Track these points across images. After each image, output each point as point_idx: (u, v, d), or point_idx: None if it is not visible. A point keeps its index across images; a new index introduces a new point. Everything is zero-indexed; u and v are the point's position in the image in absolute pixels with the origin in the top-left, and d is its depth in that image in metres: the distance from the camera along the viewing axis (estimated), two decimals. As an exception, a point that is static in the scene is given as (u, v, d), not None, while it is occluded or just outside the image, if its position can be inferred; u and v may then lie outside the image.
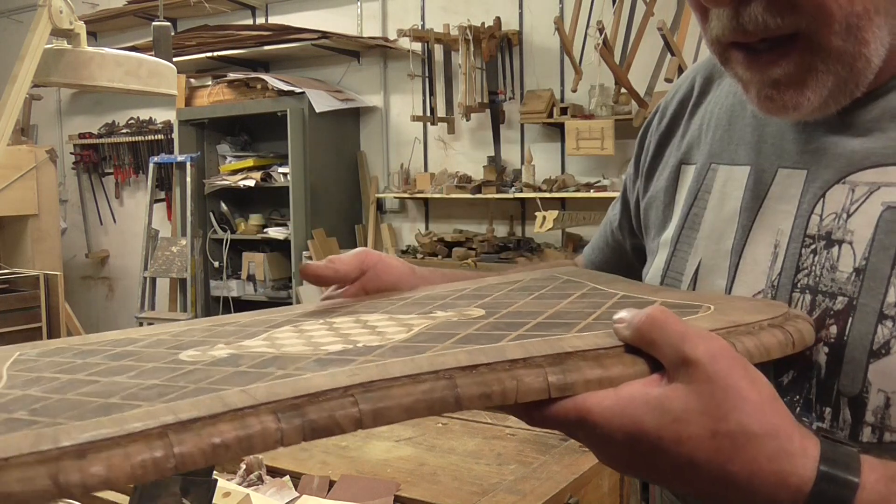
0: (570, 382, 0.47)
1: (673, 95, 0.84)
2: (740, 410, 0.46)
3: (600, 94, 3.78)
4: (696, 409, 0.46)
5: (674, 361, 0.47)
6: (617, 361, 0.49)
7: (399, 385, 0.45)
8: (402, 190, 4.46)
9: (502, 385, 0.46)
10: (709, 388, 0.46)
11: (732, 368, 0.47)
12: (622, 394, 0.47)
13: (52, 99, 5.90)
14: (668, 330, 0.48)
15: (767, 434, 0.46)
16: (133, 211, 5.64)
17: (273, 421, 0.41)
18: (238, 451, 0.40)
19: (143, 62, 1.73)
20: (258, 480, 1.31)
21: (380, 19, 4.61)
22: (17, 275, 3.54)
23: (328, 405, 0.43)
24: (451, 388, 0.45)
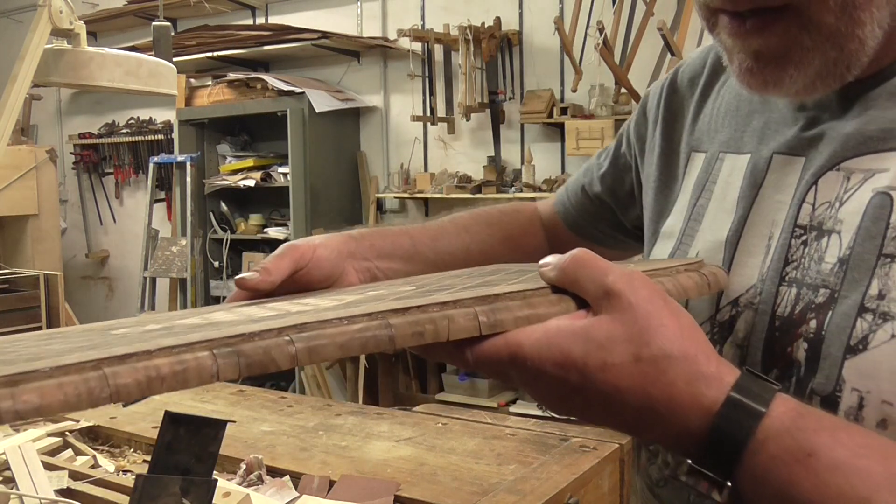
0: (500, 319, 0.49)
1: (684, 69, 0.81)
2: (661, 335, 0.47)
3: (600, 94, 3.77)
4: (620, 336, 0.46)
5: (597, 295, 0.48)
6: (544, 300, 0.51)
7: (332, 325, 0.46)
8: (402, 190, 4.46)
9: (434, 324, 0.47)
10: (631, 315, 0.47)
11: (653, 297, 0.48)
12: (549, 326, 0.48)
13: (52, 99, 5.90)
14: (590, 266, 0.49)
15: (686, 357, 0.47)
16: (133, 211, 5.64)
17: (209, 357, 0.42)
18: (174, 383, 0.41)
19: (143, 62, 1.73)
20: (258, 480, 1.31)
21: (380, 19, 4.61)
22: (17, 275, 3.55)
23: (263, 343, 0.44)
24: (384, 328, 0.46)
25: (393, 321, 0.47)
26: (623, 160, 0.90)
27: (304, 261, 0.71)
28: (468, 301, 0.49)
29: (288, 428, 1.57)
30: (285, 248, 0.69)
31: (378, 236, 0.80)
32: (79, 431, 1.60)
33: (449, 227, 0.90)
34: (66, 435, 1.56)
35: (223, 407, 1.76)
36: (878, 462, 0.44)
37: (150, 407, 1.79)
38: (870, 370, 0.52)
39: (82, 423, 1.61)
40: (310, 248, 0.71)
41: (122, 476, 1.37)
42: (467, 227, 0.90)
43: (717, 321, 0.65)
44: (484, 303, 0.49)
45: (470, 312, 0.49)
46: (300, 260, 0.70)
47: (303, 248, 0.71)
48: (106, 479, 1.32)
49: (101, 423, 1.63)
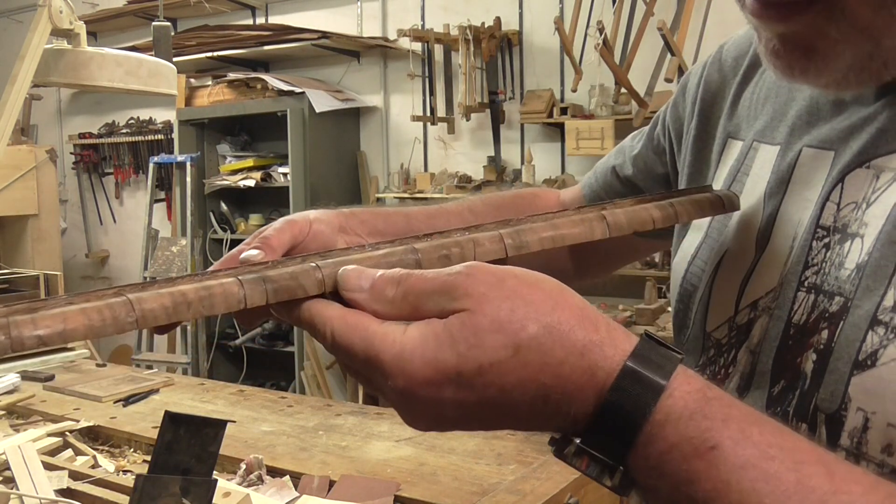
0: (525, 241, 0.48)
1: (729, 46, 0.75)
2: (533, 312, 0.41)
3: (600, 94, 3.77)
4: (487, 329, 0.41)
5: (444, 306, 0.43)
6: (567, 221, 0.49)
7: (357, 252, 0.45)
8: (402, 190, 4.46)
9: (460, 247, 0.46)
10: (491, 304, 0.41)
11: (504, 277, 0.43)
12: (408, 338, 0.42)
13: (52, 99, 5.90)
14: (424, 286, 0.43)
15: (570, 328, 0.41)
16: (133, 211, 5.63)
17: (235, 283, 0.41)
18: (200, 308, 0.39)
19: (143, 62, 1.73)
20: (258, 480, 1.31)
21: (380, 19, 4.61)
22: (17, 275, 3.54)
23: (289, 269, 0.43)
24: (410, 252, 0.45)
25: (418, 245, 0.46)
26: (658, 143, 0.83)
27: (303, 235, 0.68)
28: (491, 225, 0.48)
29: (288, 428, 1.57)
30: (284, 223, 0.66)
31: (370, 214, 0.76)
32: (79, 431, 1.60)
33: (451, 208, 0.85)
34: (66, 435, 1.56)
35: (223, 407, 1.76)
36: (789, 467, 0.39)
37: (150, 407, 1.79)
38: (877, 389, 0.47)
39: (82, 423, 1.61)
40: (306, 222, 0.68)
41: (122, 476, 1.37)
42: (472, 208, 0.85)
43: (735, 323, 0.61)
44: (507, 225, 0.48)
45: (494, 235, 0.47)
46: (299, 235, 0.67)
47: (300, 222, 0.68)
48: (106, 479, 1.32)
49: (101, 423, 1.63)
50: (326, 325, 0.44)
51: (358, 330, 0.43)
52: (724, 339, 0.62)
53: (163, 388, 1.93)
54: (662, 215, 0.58)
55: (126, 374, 2.06)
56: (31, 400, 1.82)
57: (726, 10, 3.52)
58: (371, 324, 0.43)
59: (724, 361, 0.62)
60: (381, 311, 0.44)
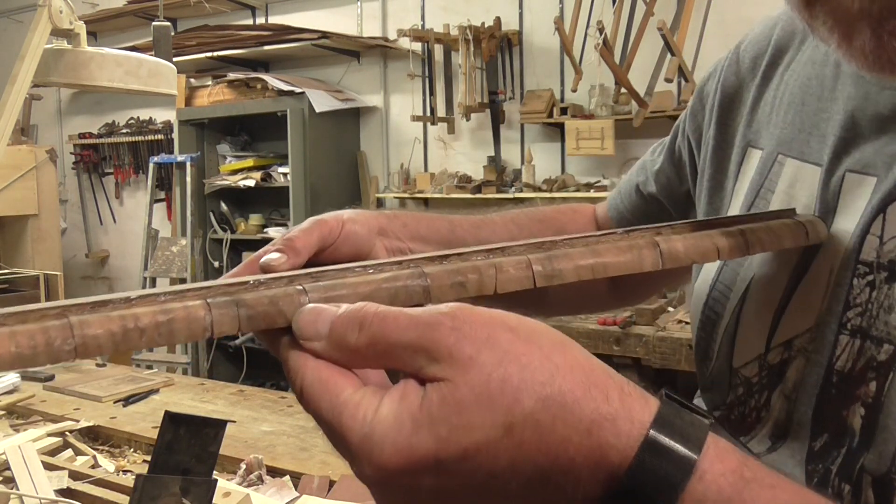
0: (559, 270, 0.40)
1: (746, 46, 0.68)
2: (530, 381, 0.34)
3: (600, 94, 3.77)
4: (472, 404, 0.34)
5: (419, 363, 0.35)
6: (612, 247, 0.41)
7: (355, 274, 0.38)
8: (402, 190, 4.46)
9: (479, 273, 0.39)
10: (477, 371, 0.34)
11: (495, 332, 0.35)
12: (378, 420, 0.35)
13: (52, 99, 5.89)
14: (396, 329, 0.36)
15: (575, 399, 0.34)
16: (133, 211, 5.63)
17: (201, 307, 0.34)
18: (155, 336, 0.33)
19: (143, 62, 1.73)
20: (258, 480, 1.31)
21: (380, 19, 4.61)
22: (17, 275, 3.55)
23: (269, 292, 0.36)
24: (418, 277, 0.38)
25: (429, 269, 0.38)
26: (678, 155, 0.77)
27: (333, 237, 0.61)
28: (519, 248, 0.40)
29: (288, 428, 1.57)
30: (312, 223, 0.59)
31: (412, 217, 0.70)
32: (79, 431, 1.60)
33: (496, 218, 0.79)
34: (66, 435, 1.57)
35: (223, 407, 1.76)
36: None
37: (150, 407, 1.79)
38: None
39: (82, 423, 1.61)
40: (338, 222, 0.61)
41: (122, 476, 1.37)
42: (515, 220, 0.79)
43: (767, 363, 0.55)
44: (538, 249, 0.41)
45: (521, 261, 0.40)
46: (328, 236, 0.60)
47: (331, 222, 0.60)
48: (106, 479, 1.32)
49: (101, 423, 1.63)
50: (298, 375, 0.37)
51: (328, 393, 0.36)
52: (754, 378, 0.56)
53: (163, 388, 1.93)
54: (729, 245, 0.48)
55: (126, 374, 2.06)
56: (31, 400, 1.82)
57: (726, 10, 3.52)
58: (345, 388, 0.36)
59: (755, 403, 0.56)
60: (343, 361, 0.37)
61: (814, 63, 0.58)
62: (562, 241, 0.42)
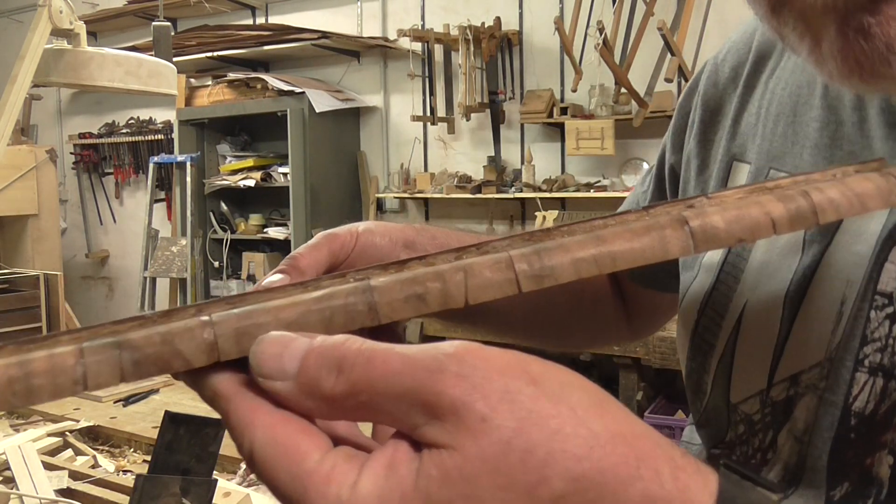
0: (551, 267, 0.30)
1: (725, 55, 0.63)
2: (560, 455, 0.26)
3: (600, 94, 3.78)
4: (486, 484, 0.26)
5: (416, 421, 0.27)
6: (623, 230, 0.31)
7: (280, 295, 0.30)
8: (402, 190, 4.46)
9: (441, 280, 0.30)
10: (494, 438, 0.26)
11: (517, 385, 0.27)
12: (356, 499, 0.27)
13: (52, 99, 5.90)
14: (387, 374, 0.27)
15: (618, 478, 0.27)
16: (133, 211, 5.64)
17: (71, 354, 0.28)
18: (9, 398, 0.27)
19: (143, 62, 1.73)
20: (258, 480, 1.31)
21: (380, 19, 4.61)
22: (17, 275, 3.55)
23: (163, 328, 0.29)
24: (361, 292, 0.30)
25: (376, 282, 0.30)
26: (662, 185, 0.70)
27: (345, 251, 0.54)
28: (500, 243, 0.31)
29: (288, 428, 1.57)
30: (321, 238, 0.53)
31: (441, 231, 0.64)
32: (79, 431, 1.60)
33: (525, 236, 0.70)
34: (66, 435, 1.57)
35: (223, 407, 1.75)
36: None
37: (150, 407, 1.79)
38: None
39: (82, 423, 1.61)
40: (351, 235, 0.54)
41: (122, 476, 1.37)
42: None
43: (770, 399, 0.49)
44: (525, 242, 0.31)
45: (500, 259, 0.30)
46: (339, 251, 0.54)
47: (343, 236, 0.54)
48: (106, 479, 1.32)
49: (101, 423, 1.63)
50: (245, 432, 0.29)
51: (287, 460, 0.28)
52: (755, 416, 0.51)
53: (163, 388, 1.93)
54: (789, 213, 0.34)
55: (126, 374, 2.06)
56: (31, 400, 1.82)
57: (726, 10, 3.52)
58: (309, 452, 0.28)
59: (759, 443, 0.51)
60: (315, 412, 0.29)
61: (803, 71, 0.54)
62: (556, 229, 0.32)
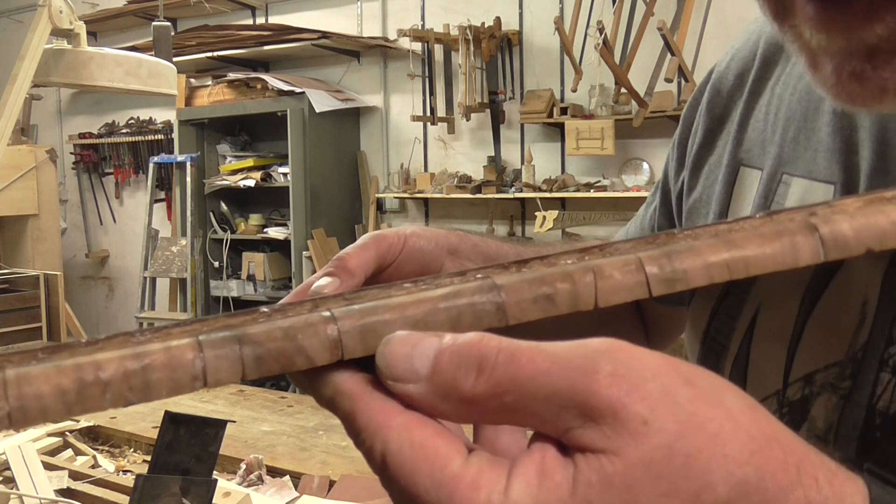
0: (684, 270, 0.30)
1: (729, 63, 0.62)
2: (722, 459, 0.26)
3: (600, 94, 3.78)
4: (650, 491, 0.25)
5: (569, 423, 0.26)
6: (754, 236, 0.31)
7: (401, 292, 0.29)
8: (402, 190, 4.46)
9: (571, 280, 0.29)
10: (655, 442, 0.25)
11: (673, 384, 0.26)
12: (516, 500, 0.26)
13: (52, 99, 5.90)
14: (535, 374, 0.26)
15: (781, 488, 0.26)
16: (133, 211, 5.64)
17: (189, 347, 0.26)
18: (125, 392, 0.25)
19: (143, 62, 1.73)
20: (258, 480, 1.31)
21: (380, 19, 4.61)
22: (17, 275, 3.55)
23: (284, 322, 0.27)
24: (487, 290, 0.29)
25: (501, 280, 0.29)
26: (670, 196, 0.69)
27: (393, 253, 0.53)
28: (623, 246, 0.31)
29: (288, 428, 1.57)
30: (369, 238, 0.52)
31: (480, 239, 0.62)
32: (79, 431, 1.60)
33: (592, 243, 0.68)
34: (66, 435, 1.57)
35: (223, 407, 1.76)
36: None
37: (150, 407, 1.79)
38: None
39: (82, 423, 1.61)
40: (399, 237, 0.53)
41: (122, 476, 1.38)
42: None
43: (787, 399, 0.49)
44: (650, 245, 0.31)
45: (630, 261, 0.30)
46: (387, 252, 0.53)
47: (391, 237, 0.53)
48: (106, 479, 1.32)
49: (101, 423, 1.63)
50: (377, 436, 0.27)
51: (428, 464, 0.26)
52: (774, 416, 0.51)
53: (163, 388, 1.93)
54: None
55: (126, 374, 2.06)
56: (31, 400, 1.82)
57: (726, 10, 3.52)
58: (451, 457, 0.26)
59: None
60: (452, 415, 0.27)
61: None
62: (680, 232, 0.32)
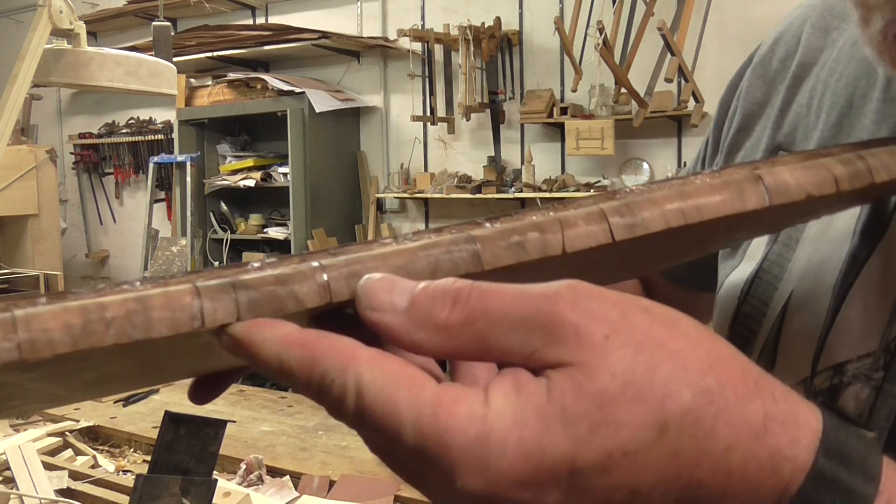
0: (644, 219, 0.32)
1: (772, 47, 0.61)
2: (682, 371, 0.27)
3: (600, 94, 3.78)
4: (621, 397, 0.26)
5: (535, 346, 0.27)
6: (705, 186, 0.34)
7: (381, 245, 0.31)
8: (402, 190, 4.46)
9: (539, 229, 0.31)
10: (618, 356, 0.27)
11: (628, 309, 0.28)
12: (492, 414, 0.26)
13: (52, 99, 5.90)
14: (501, 307, 0.28)
15: (740, 397, 0.28)
16: (133, 211, 5.64)
17: (188, 292, 0.28)
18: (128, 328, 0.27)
19: (143, 62, 1.73)
20: (258, 480, 1.31)
21: (380, 19, 4.61)
22: (17, 275, 3.55)
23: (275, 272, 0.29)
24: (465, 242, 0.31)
25: (477, 232, 0.31)
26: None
27: None
28: (586, 200, 0.33)
29: (288, 428, 1.57)
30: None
31: None
32: (79, 431, 1.60)
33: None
34: (66, 435, 1.57)
35: (223, 407, 1.76)
36: None
37: (150, 407, 1.79)
38: None
39: (82, 423, 1.61)
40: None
41: (122, 476, 1.38)
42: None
43: (814, 387, 0.49)
44: (611, 198, 0.33)
45: (593, 212, 0.32)
46: None
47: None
48: (106, 479, 1.32)
49: (101, 423, 1.63)
50: (348, 372, 0.27)
51: (407, 389, 0.27)
52: None
53: (163, 388, 1.94)
54: (849, 173, 0.39)
55: (126, 374, 2.06)
56: (31, 400, 1.82)
57: (726, 10, 3.52)
58: (428, 382, 0.27)
59: None
60: (425, 343, 0.28)
61: (859, 62, 0.52)
62: (638, 188, 0.34)
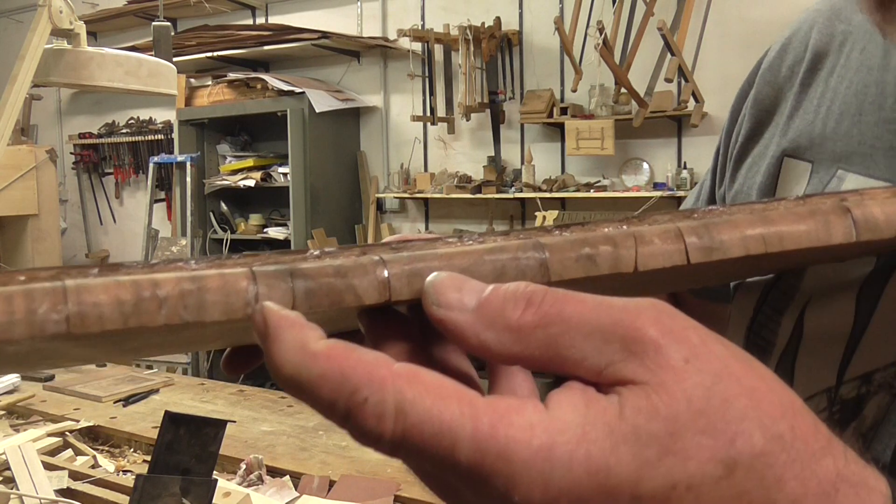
0: (722, 241, 0.31)
1: (780, 52, 0.59)
2: (756, 412, 0.25)
3: (600, 94, 3.78)
4: (693, 426, 0.25)
5: (611, 359, 0.26)
6: (788, 214, 0.32)
7: (446, 244, 0.30)
8: (402, 190, 4.46)
9: (612, 243, 0.30)
10: (696, 382, 0.25)
11: (708, 339, 0.27)
12: (557, 424, 0.25)
13: (52, 99, 5.90)
14: (580, 318, 0.26)
15: (812, 452, 0.26)
16: (133, 211, 5.64)
17: (244, 276, 0.27)
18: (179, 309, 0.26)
19: (143, 62, 1.73)
20: (258, 480, 1.32)
21: (380, 19, 4.62)
22: (17, 275, 3.55)
23: (335, 262, 0.28)
24: (532, 249, 0.29)
25: (546, 240, 0.30)
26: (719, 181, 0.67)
27: None
28: (662, 217, 0.32)
29: (288, 428, 1.57)
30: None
31: None
32: (79, 431, 1.60)
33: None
34: (66, 435, 1.57)
35: (223, 407, 1.76)
36: None
37: (150, 407, 1.79)
38: None
39: (82, 423, 1.61)
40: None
41: (122, 476, 1.38)
42: None
43: (840, 398, 0.47)
44: (688, 217, 0.32)
45: (669, 230, 0.31)
46: None
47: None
48: (106, 479, 1.32)
49: (101, 423, 1.63)
50: (386, 389, 0.24)
51: (455, 403, 0.24)
52: (823, 414, 0.48)
53: (163, 388, 1.94)
54: None
55: (126, 374, 2.06)
56: (31, 400, 1.82)
57: (726, 10, 3.52)
58: (475, 394, 0.25)
59: None
60: (494, 344, 0.26)
61: (869, 69, 0.51)
62: (717, 208, 0.33)
